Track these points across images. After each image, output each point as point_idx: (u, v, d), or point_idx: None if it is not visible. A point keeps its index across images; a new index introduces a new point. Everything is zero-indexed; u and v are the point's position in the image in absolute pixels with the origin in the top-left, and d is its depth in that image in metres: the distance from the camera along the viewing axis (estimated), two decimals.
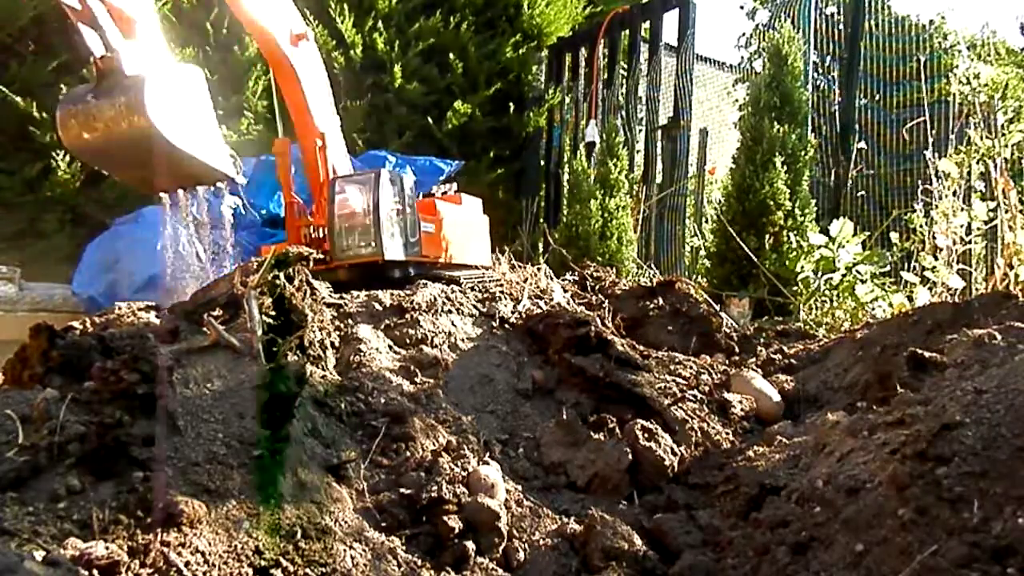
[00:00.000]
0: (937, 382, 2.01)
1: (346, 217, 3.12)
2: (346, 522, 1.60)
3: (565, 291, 3.69)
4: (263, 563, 1.40)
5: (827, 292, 4.26)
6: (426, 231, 3.40)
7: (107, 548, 1.23)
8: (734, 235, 4.60)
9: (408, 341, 2.62)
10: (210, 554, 1.35)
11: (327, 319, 2.50)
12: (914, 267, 3.99)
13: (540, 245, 6.72)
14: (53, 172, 4.97)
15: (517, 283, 3.36)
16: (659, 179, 6.43)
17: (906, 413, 1.76)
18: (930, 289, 3.84)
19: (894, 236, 4.37)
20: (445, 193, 3.97)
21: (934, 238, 3.93)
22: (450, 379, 2.48)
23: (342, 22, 6.06)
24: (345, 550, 1.51)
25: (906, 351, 2.28)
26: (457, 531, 1.70)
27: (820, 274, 4.27)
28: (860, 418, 1.97)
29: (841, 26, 6.41)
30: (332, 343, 2.41)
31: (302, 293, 2.36)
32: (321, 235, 3.22)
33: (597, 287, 3.92)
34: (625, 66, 6.92)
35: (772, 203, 4.63)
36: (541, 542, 1.83)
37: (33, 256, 5.12)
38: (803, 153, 4.86)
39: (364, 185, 3.12)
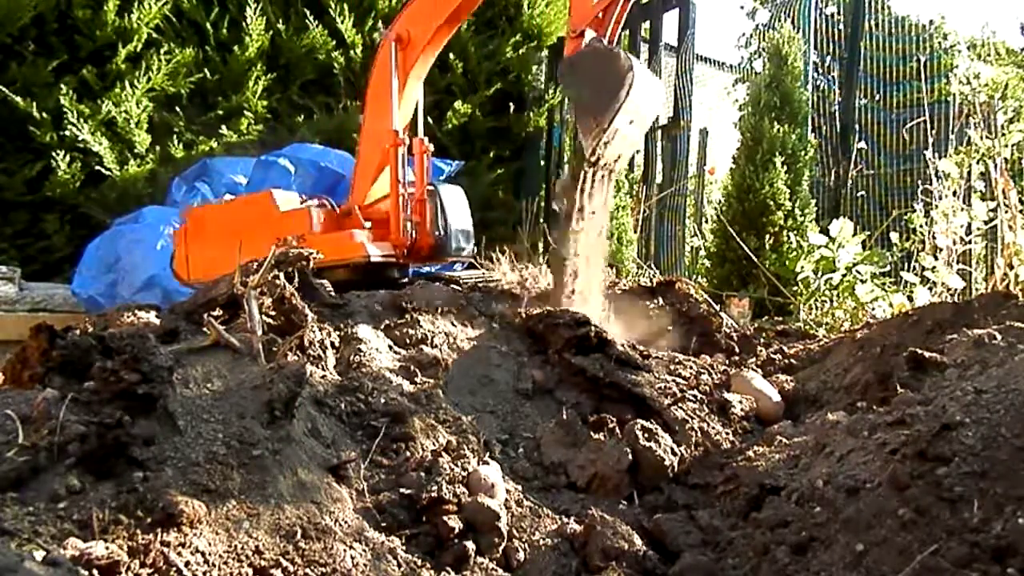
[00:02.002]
0: (937, 382, 2.01)
1: (458, 220, 3.63)
2: (346, 522, 1.60)
3: None
4: (263, 563, 1.40)
5: (827, 292, 4.26)
6: None
7: (107, 548, 1.23)
8: (734, 235, 4.60)
9: (408, 341, 2.62)
10: (210, 554, 1.35)
11: (327, 319, 2.50)
12: (914, 267, 3.99)
13: (540, 245, 6.72)
14: (53, 172, 4.97)
15: (518, 284, 3.36)
16: (659, 179, 6.43)
17: (906, 413, 1.76)
18: (930, 289, 3.84)
19: (894, 236, 4.37)
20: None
21: (934, 238, 3.93)
22: (450, 379, 2.48)
23: (342, 22, 6.06)
24: (345, 550, 1.51)
25: (906, 351, 2.28)
26: (457, 531, 1.70)
27: (820, 274, 4.27)
28: (860, 418, 1.97)
29: (841, 26, 6.42)
30: (332, 343, 2.41)
31: (302, 293, 2.37)
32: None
33: None
34: None
35: (772, 203, 4.63)
36: (541, 542, 1.82)
37: (33, 256, 5.12)
38: (803, 153, 4.86)
39: (458, 193, 3.69)
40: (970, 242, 3.88)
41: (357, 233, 3.45)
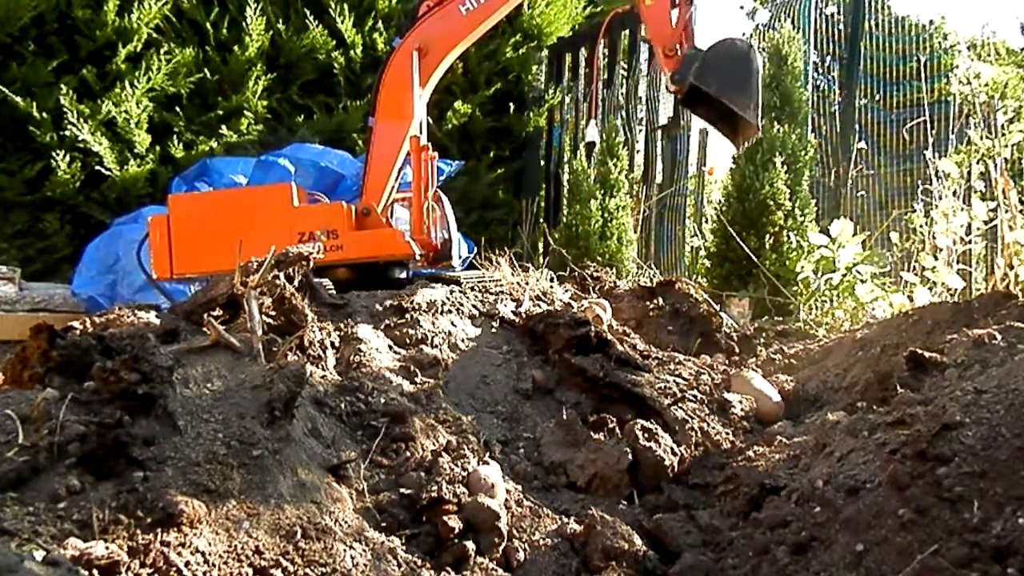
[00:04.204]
0: (937, 382, 2.01)
1: (455, 228, 3.82)
2: (346, 522, 1.60)
3: (566, 291, 3.70)
4: (263, 563, 1.40)
5: (827, 292, 4.26)
6: None
7: (107, 548, 1.23)
8: (734, 235, 4.60)
9: (408, 341, 2.62)
10: (210, 554, 1.35)
11: (327, 319, 2.50)
12: (914, 267, 3.99)
13: (540, 245, 6.72)
14: (53, 172, 4.97)
15: (518, 284, 3.36)
16: (659, 179, 6.43)
17: (906, 413, 1.76)
18: (930, 289, 3.84)
19: (894, 236, 4.37)
20: None
21: (934, 238, 3.93)
22: (450, 379, 2.48)
23: (342, 22, 6.05)
24: (345, 550, 1.51)
25: (906, 351, 2.28)
26: (457, 531, 1.70)
27: (820, 274, 4.27)
28: (860, 418, 1.97)
29: (841, 26, 6.42)
30: (332, 343, 2.41)
31: (302, 293, 2.37)
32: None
33: (597, 287, 3.92)
34: (625, 66, 6.92)
35: (772, 203, 4.63)
36: (541, 542, 1.83)
37: (33, 256, 5.12)
38: (803, 153, 4.86)
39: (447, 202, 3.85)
40: (970, 242, 3.88)
41: (402, 231, 3.51)
